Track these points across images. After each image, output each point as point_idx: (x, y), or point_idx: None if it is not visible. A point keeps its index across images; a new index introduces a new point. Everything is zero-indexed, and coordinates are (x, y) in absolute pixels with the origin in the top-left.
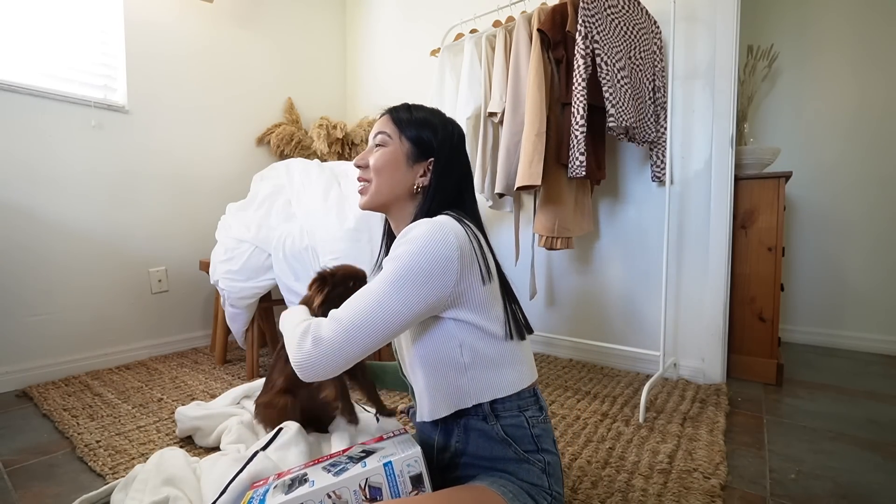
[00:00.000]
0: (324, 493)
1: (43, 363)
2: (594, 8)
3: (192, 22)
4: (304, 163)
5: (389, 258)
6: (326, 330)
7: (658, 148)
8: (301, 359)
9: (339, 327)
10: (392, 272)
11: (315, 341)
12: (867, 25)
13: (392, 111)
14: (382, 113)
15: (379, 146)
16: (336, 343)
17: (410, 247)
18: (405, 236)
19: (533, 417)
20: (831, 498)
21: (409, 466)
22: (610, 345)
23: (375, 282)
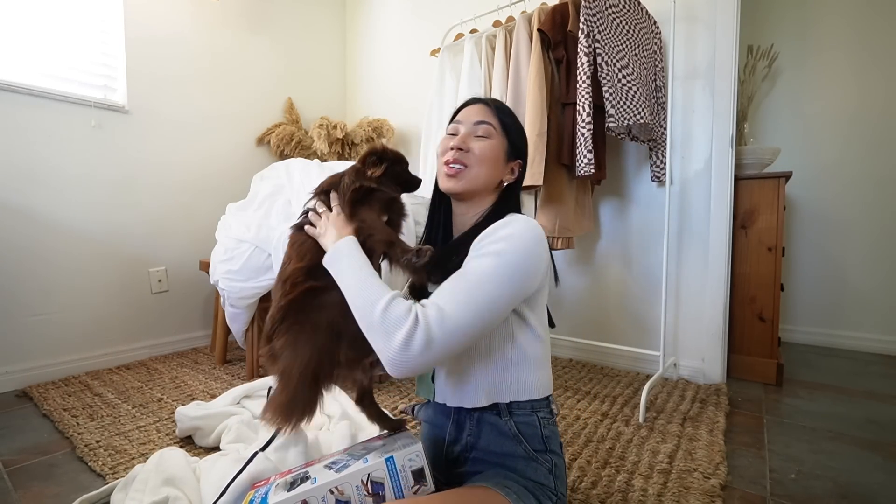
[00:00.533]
0: (326, 490)
1: (43, 363)
2: (596, 7)
3: (192, 22)
4: (304, 163)
5: (487, 252)
6: (437, 330)
7: (658, 148)
8: (403, 358)
9: (453, 328)
10: (499, 267)
11: (427, 343)
12: (867, 25)
13: (492, 103)
14: (474, 101)
15: (483, 137)
16: (448, 346)
17: (513, 244)
18: (500, 231)
19: (544, 419)
20: (831, 498)
21: (410, 461)
22: (610, 345)
23: (481, 278)
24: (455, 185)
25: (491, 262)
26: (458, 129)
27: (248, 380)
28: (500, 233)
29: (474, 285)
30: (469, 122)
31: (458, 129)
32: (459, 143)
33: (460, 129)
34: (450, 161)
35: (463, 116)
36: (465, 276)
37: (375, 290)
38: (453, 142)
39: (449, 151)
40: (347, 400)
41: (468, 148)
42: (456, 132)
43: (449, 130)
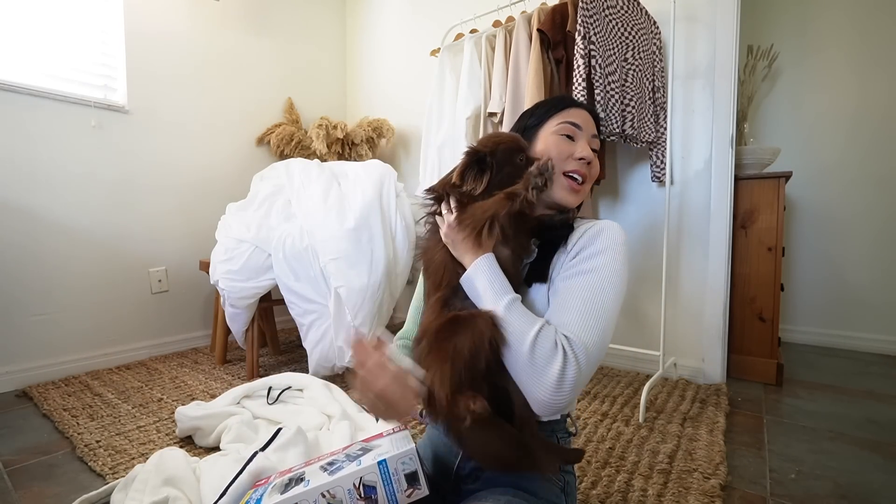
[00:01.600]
0: (318, 493)
1: (43, 363)
2: (593, 8)
3: (192, 22)
4: (304, 163)
5: (596, 267)
6: (584, 363)
7: (658, 148)
8: (556, 399)
9: (595, 358)
10: (613, 275)
11: (577, 380)
12: (867, 25)
13: (592, 109)
14: (580, 104)
15: (595, 150)
16: (591, 362)
17: (617, 251)
18: (598, 241)
19: (562, 438)
20: (831, 498)
21: (403, 465)
22: (610, 344)
23: (601, 295)
24: (575, 200)
25: (603, 278)
26: (576, 134)
27: (248, 380)
28: (598, 243)
29: (598, 305)
30: (588, 130)
31: (577, 133)
32: (588, 154)
33: (579, 134)
34: (578, 172)
35: (581, 121)
36: (585, 295)
37: (518, 321)
38: (583, 152)
39: (575, 161)
40: (347, 400)
41: (591, 160)
42: (574, 136)
43: (564, 130)
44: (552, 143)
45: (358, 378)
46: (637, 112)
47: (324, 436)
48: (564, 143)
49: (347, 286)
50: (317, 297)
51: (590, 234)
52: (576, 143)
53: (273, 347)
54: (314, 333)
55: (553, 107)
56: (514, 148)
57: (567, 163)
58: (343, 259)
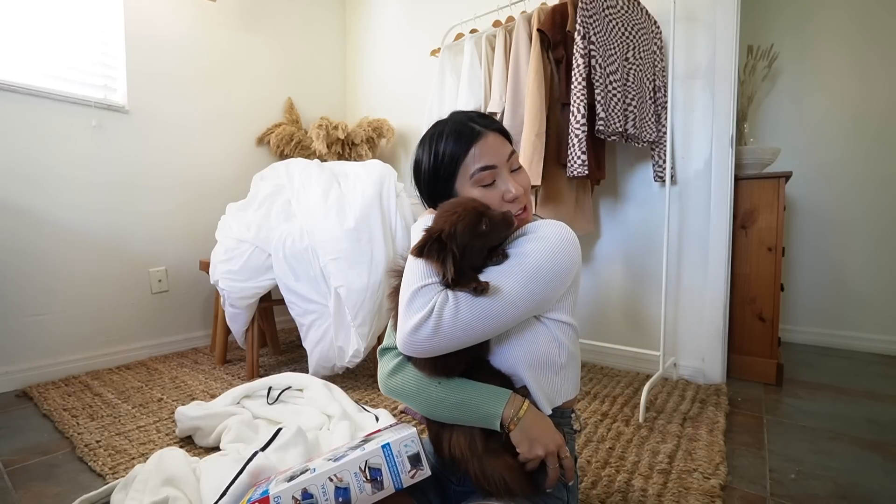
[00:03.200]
0: (325, 478)
1: (43, 363)
2: (592, 8)
3: (192, 22)
4: (304, 163)
5: (517, 252)
6: (448, 323)
7: (660, 147)
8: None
9: (461, 321)
10: (525, 268)
11: (434, 330)
12: (867, 25)
13: (494, 124)
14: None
15: (518, 168)
16: (455, 335)
17: (543, 244)
18: (533, 233)
19: (567, 434)
20: (831, 498)
21: (406, 447)
22: (610, 344)
23: (504, 276)
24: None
25: (518, 262)
26: (494, 175)
27: (248, 380)
28: (531, 235)
29: (496, 283)
30: (502, 160)
31: (495, 174)
32: (518, 191)
33: (497, 174)
34: (516, 212)
35: (493, 156)
36: (491, 276)
37: (416, 274)
38: (511, 191)
39: (510, 204)
40: (347, 400)
41: (522, 192)
42: (493, 179)
43: (483, 180)
44: (482, 198)
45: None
46: (638, 111)
47: (324, 436)
48: (488, 194)
49: (347, 286)
50: (317, 297)
51: (529, 226)
52: (498, 184)
53: (273, 347)
54: (314, 333)
55: (452, 158)
56: (474, 222)
57: (504, 209)
58: (343, 259)
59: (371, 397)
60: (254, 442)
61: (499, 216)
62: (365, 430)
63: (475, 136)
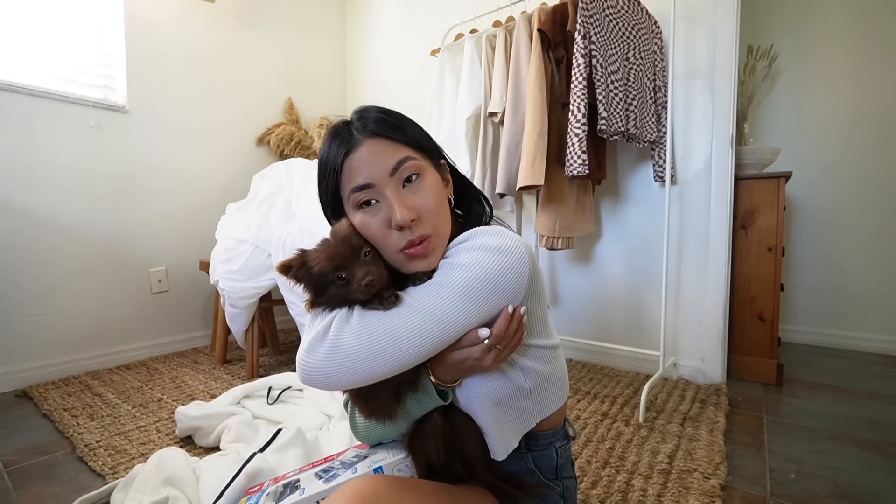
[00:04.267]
0: (314, 501)
1: (43, 363)
2: (593, 8)
3: (192, 22)
4: (305, 163)
5: (448, 264)
6: (349, 335)
7: (660, 147)
8: (306, 368)
9: (367, 337)
10: (457, 280)
11: (331, 350)
12: (868, 25)
13: (387, 128)
14: (357, 139)
15: (413, 178)
16: (360, 356)
17: (478, 255)
18: (467, 241)
19: (561, 447)
20: (831, 498)
21: (399, 472)
22: (610, 344)
23: (428, 290)
24: (433, 262)
25: (449, 274)
26: (372, 195)
27: (248, 380)
28: (465, 244)
29: (417, 297)
30: (383, 175)
31: (373, 193)
32: (403, 216)
33: (377, 192)
34: (411, 243)
35: (371, 173)
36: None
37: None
38: (396, 216)
39: (397, 236)
40: None
41: (416, 213)
42: (370, 199)
43: (358, 200)
44: (360, 225)
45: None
46: (639, 111)
47: (324, 436)
48: (371, 219)
49: None
50: None
51: (464, 235)
52: (382, 206)
53: (273, 347)
54: None
55: (330, 183)
56: (330, 267)
57: (390, 238)
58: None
59: None
60: (254, 442)
61: (358, 281)
62: None
63: (349, 144)
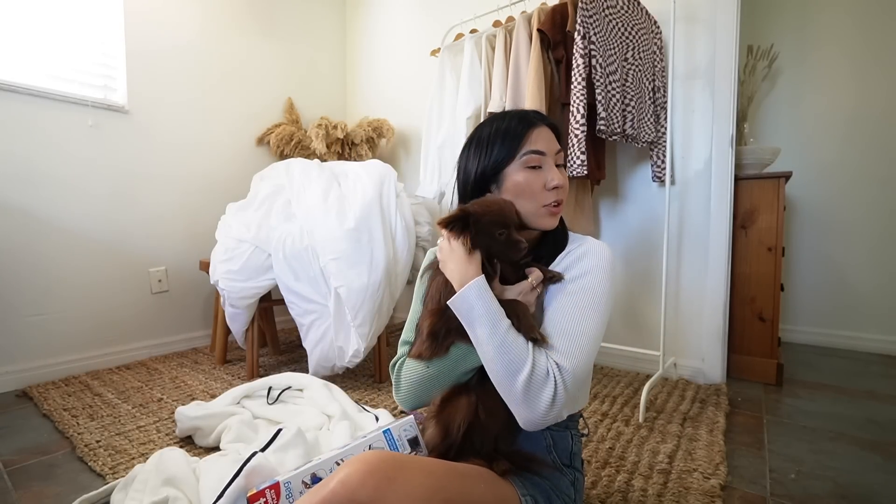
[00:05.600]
0: (332, 462)
1: (43, 363)
2: (593, 8)
3: (193, 22)
4: (305, 163)
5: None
6: (572, 387)
7: (658, 148)
8: (546, 420)
9: (582, 380)
10: (597, 297)
11: (565, 402)
12: (867, 25)
13: (552, 124)
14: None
15: (562, 165)
16: (577, 384)
17: (602, 271)
18: (583, 262)
19: (575, 435)
20: (831, 498)
21: (405, 431)
22: (610, 344)
23: (582, 309)
24: (555, 222)
25: (588, 299)
26: (542, 161)
27: (248, 380)
28: (583, 264)
29: (584, 328)
30: (552, 152)
31: (542, 160)
32: (562, 181)
33: (545, 161)
34: (556, 202)
35: (545, 145)
36: (572, 317)
37: (514, 354)
38: (554, 180)
39: (551, 192)
40: (347, 400)
41: (563, 183)
42: (540, 164)
43: (531, 161)
44: (523, 180)
45: None
46: (636, 112)
47: (324, 436)
48: (535, 177)
49: (347, 286)
50: (317, 297)
51: (576, 253)
52: (544, 171)
53: (273, 347)
54: (314, 333)
55: (516, 136)
56: (497, 222)
57: (543, 195)
58: (343, 259)
59: (371, 397)
60: (254, 442)
61: (515, 239)
62: (364, 430)
63: (535, 122)
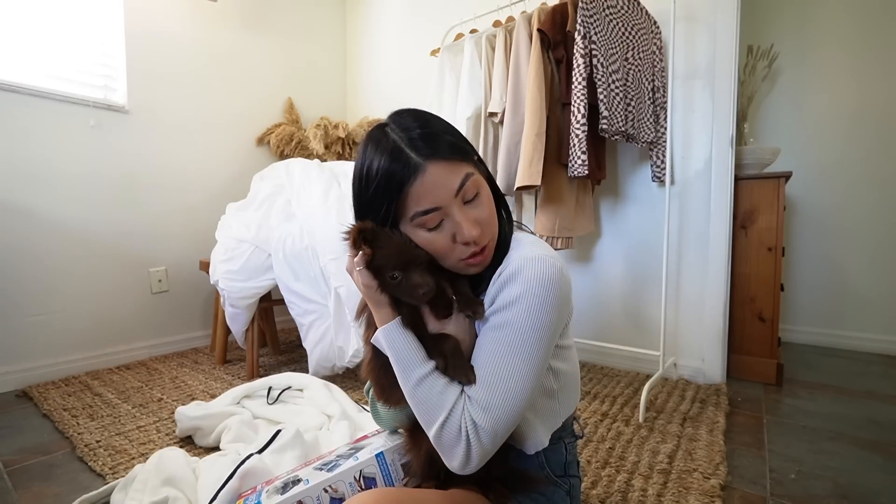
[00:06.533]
0: (320, 489)
1: (43, 363)
2: (593, 8)
3: (192, 22)
4: (304, 163)
5: (505, 303)
6: (489, 443)
7: (658, 148)
8: (465, 471)
9: (504, 431)
10: (527, 332)
11: (482, 457)
12: (867, 24)
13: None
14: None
15: (475, 197)
16: (498, 439)
17: (534, 298)
18: (512, 280)
19: (569, 443)
20: (831, 498)
21: (399, 455)
22: (610, 344)
23: (506, 350)
24: (484, 266)
25: (513, 335)
26: (439, 217)
27: (248, 380)
28: (511, 290)
29: (507, 371)
30: (449, 198)
31: (440, 216)
32: (473, 235)
33: (445, 213)
34: (473, 257)
35: (437, 195)
36: (494, 359)
37: (429, 404)
38: (465, 232)
39: (462, 249)
40: (347, 400)
41: (479, 228)
42: (439, 221)
43: (426, 224)
44: (424, 242)
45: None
46: (637, 112)
47: (324, 436)
48: (436, 237)
49: (347, 286)
50: (317, 297)
51: (505, 275)
52: (447, 226)
53: (273, 347)
54: (314, 333)
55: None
56: (389, 264)
57: (455, 251)
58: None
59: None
60: (254, 442)
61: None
62: (364, 430)
63: (410, 169)
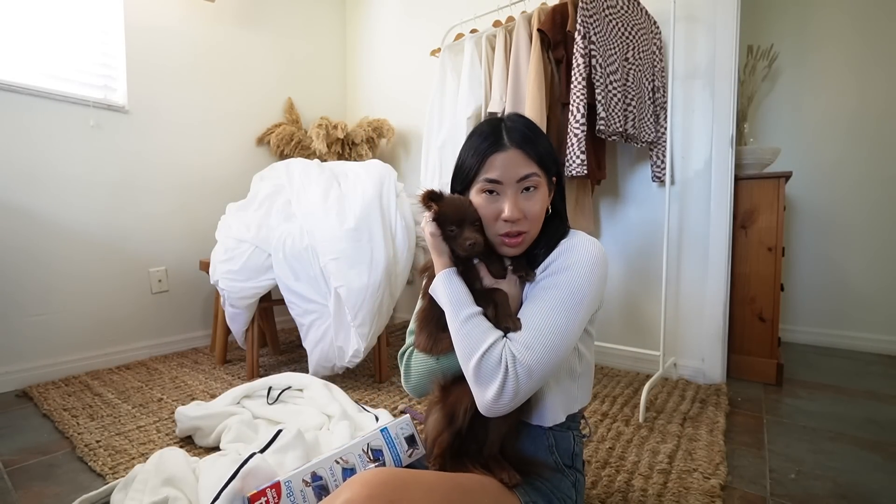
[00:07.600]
0: (332, 461)
1: (43, 363)
2: (593, 8)
3: (193, 22)
4: (304, 163)
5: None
6: (525, 381)
7: (658, 148)
8: (495, 408)
9: (539, 376)
10: (572, 294)
11: (515, 394)
12: (867, 25)
13: (528, 144)
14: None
15: (531, 191)
16: (532, 390)
17: (582, 269)
18: (566, 253)
19: (577, 436)
20: (831, 498)
21: (402, 429)
22: (610, 345)
23: (552, 305)
24: (516, 251)
25: (560, 296)
26: (497, 189)
27: (248, 380)
28: (563, 260)
29: (550, 324)
30: (511, 179)
31: (498, 188)
32: (513, 215)
33: (501, 189)
34: (509, 234)
35: (503, 173)
36: (541, 312)
37: (473, 338)
38: (508, 212)
39: (503, 223)
40: (347, 400)
41: (522, 215)
42: (497, 191)
43: (484, 187)
44: (479, 205)
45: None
46: (637, 112)
47: (324, 436)
48: (488, 204)
49: (347, 286)
50: (317, 297)
51: (560, 249)
52: (499, 200)
53: (273, 347)
54: (314, 333)
55: (477, 156)
56: (450, 219)
57: (496, 225)
58: (343, 259)
59: (371, 397)
60: (254, 442)
61: (463, 238)
62: (364, 430)
63: (497, 145)
